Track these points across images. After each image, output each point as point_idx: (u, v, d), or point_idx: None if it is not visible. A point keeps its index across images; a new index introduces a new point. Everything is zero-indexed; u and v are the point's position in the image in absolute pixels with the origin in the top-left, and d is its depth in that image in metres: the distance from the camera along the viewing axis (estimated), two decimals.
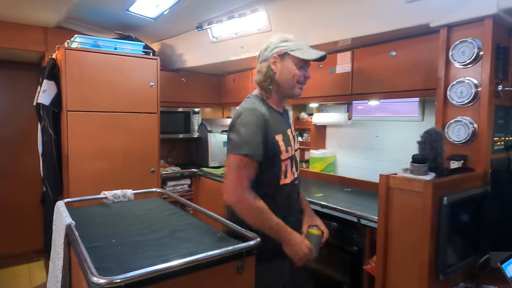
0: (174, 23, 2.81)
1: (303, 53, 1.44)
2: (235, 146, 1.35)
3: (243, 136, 1.34)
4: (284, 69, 1.44)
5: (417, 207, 1.31)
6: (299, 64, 1.45)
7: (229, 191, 1.35)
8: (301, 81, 1.47)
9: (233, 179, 1.34)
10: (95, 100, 2.56)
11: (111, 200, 1.94)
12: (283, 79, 1.45)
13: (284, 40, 1.46)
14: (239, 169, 1.33)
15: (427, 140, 1.40)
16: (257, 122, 1.36)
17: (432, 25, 1.63)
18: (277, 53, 1.44)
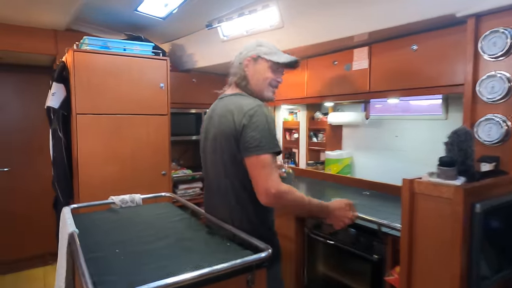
0: (184, 22, 2.75)
1: (276, 56, 1.45)
2: (266, 144, 1.28)
3: (271, 133, 1.30)
4: (257, 72, 1.45)
5: (445, 214, 1.18)
6: (272, 67, 1.45)
7: (269, 191, 1.26)
8: (273, 85, 1.47)
9: (270, 178, 1.27)
10: (104, 102, 2.52)
11: (119, 205, 1.88)
12: (255, 82, 1.45)
13: (259, 45, 1.48)
14: (271, 167, 1.28)
15: (455, 141, 1.27)
16: (271, 114, 1.35)
17: (459, 15, 1.50)
18: (251, 56, 1.47)
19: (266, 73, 1.45)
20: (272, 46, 1.49)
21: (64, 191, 2.50)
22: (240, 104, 1.36)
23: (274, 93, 1.50)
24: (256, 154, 1.28)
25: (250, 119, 1.30)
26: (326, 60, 2.33)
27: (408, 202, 1.29)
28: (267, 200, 1.27)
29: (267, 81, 1.45)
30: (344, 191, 2.38)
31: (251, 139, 1.28)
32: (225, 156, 1.40)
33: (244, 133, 1.30)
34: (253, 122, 1.30)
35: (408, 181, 1.29)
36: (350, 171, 2.78)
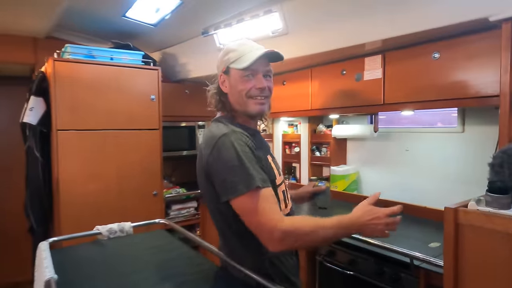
0: (177, 29, 2.54)
1: (242, 60, 1.14)
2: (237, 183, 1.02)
3: (241, 167, 1.03)
4: (232, 87, 1.18)
5: (502, 252, 0.99)
6: (244, 75, 1.15)
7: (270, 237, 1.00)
8: (254, 95, 1.16)
9: (266, 219, 1.00)
10: (89, 117, 2.27)
11: (106, 236, 1.64)
12: (234, 99, 1.19)
13: (226, 53, 1.20)
14: (260, 207, 1.01)
15: (505, 162, 1.09)
16: (244, 141, 1.08)
17: (492, 19, 1.34)
18: (222, 70, 1.20)
19: (239, 85, 1.16)
20: (242, 48, 1.18)
21: (37, 216, 2.23)
22: (208, 136, 1.13)
23: (262, 104, 1.18)
24: (232, 198, 1.03)
25: (214, 158, 1.06)
26: (333, 69, 2.15)
27: (452, 235, 1.10)
28: (274, 248, 1.01)
29: (243, 93, 1.16)
30: None
31: (220, 182, 1.05)
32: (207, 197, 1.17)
33: (212, 176, 1.08)
34: (216, 161, 1.06)
35: (452, 210, 1.10)
36: (357, 187, 2.60)
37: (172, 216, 2.81)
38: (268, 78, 1.20)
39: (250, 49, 1.17)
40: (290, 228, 1.00)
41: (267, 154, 1.20)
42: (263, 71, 1.18)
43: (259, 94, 1.17)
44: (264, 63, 1.18)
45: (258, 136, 1.24)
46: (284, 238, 0.99)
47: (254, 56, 1.13)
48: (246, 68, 1.13)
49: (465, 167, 2.01)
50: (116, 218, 2.23)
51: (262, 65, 1.17)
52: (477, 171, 1.94)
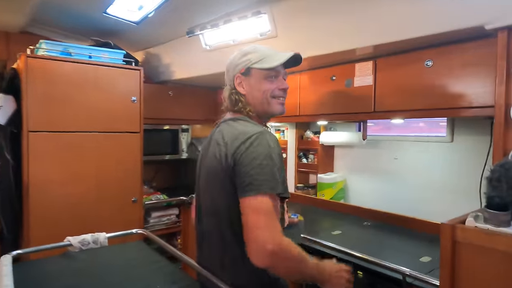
0: (161, 28, 2.43)
1: (268, 61, 1.19)
2: (263, 182, 0.98)
3: (272, 168, 1.01)
4: (252, 87, 1.20)
5: (503, 274, 0.94)
6: (268, 76, 1.19)
7: (264, 246, 0.93)
8: (277, 95, 1.21)
9: (270, 226, 0.96)
10: (64, 118, 2.13)
11: (77, 248, 1.51)
12: (255, 100, 1.20)
13: (245, 54, 1.22)
14: (270, 213, 0.98)
15: (502, 177, 1.04)
16: (278, 146, 1.07)
17: (488, 27, 1.30)
18: (240, 71, 1.20)
19: (263, 85, 1.19)
20: (262, 49, 1.23)
21: (9, 223, 2.07)
22: (235, 132, 1.10)
23: (283, 104, 1.23)
24: (249, 195, 0.98)
25: (246, 150, 1.03)
26: (323, 75, 2.09)
27: (449, 253, 1.04)
28: (259, 259, 0.95)
29: (268, 94, 1.19)
30: (342, 221, 2.12)
31: (244, 175, 1.01)
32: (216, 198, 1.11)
33: (237, 168, 1.03)
34: (248, 154, 1.02)
35: (450, 227, 1.04)
36: (344, 195, 2.54)
37: (151, 223, 2.68)
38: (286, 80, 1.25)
39: (271, 52, 1.21)
40: (286, 247, 0.96)
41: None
42: (283, 74, 1.23)
43: (281, 95, 1.22)
44: (282, 66, 1.21)
45: None
46: (276, 253, 0.93)
47: (283, 57, 1.18)
48: (273, 68, 1.18)
49: (453, 177, 1.98)
50: (92, 225, 2.11)
51: (282, 68, 1.22)
52: (465, 181, 1.91)
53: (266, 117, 1.25)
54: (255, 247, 0.95)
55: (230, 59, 1.26)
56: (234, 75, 1.21)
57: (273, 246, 0.93)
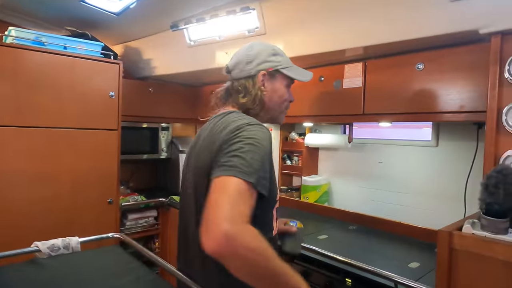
0: (143, 21, 2.31)
1: (294, 71, 1.19)
2: (242, 168, 0.84)
3: (255, 158, 0.87)
4: (274, 91, 1.15)
5: (502, 283, 0.91)
6: (288, 85, 1.20)
7: (217, 226, 0.74)
8: (288, 107, 1.22)
9: (232, 206, 0.78)
10: (35, 112, 1.98)
11: (46, 254, 1.38)
12: (273, 103, 1.16)
13: (274, 54, 1.16)
14: (238, 195, 0.81)
15: (500, 183, 1.02)
16: (269, 144, 0.95)
17: (482, 32, 1.29)
18: (267, 69, 1.13)
19: (285, 93, 1.18)
20: (285, 56, 1.21)
21: None
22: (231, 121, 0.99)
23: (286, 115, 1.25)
24: (218, 175, 0.85)
25: (235, 133, 0.93)
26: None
27: (446, 261, 1.00)
28: (209, 242, 0.74)
29: (285, 103, 1.19)
30: (328, 225, 2.08)
31: (224, 156, 0.89)
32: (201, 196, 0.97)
33: (220, 151, 0.91)
34: (233, 138, 0.91)
35: (447, 234, 1.00)
36: (328, 199, 2.51)
37: (128, 226, 2.54)
38: None
39: (290, 62, 1.20)
40: (247, 233, 0.76)
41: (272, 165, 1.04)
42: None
43: (289, 106, 1.23)
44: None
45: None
46: (232, 237, 0.73)
47: (307, 74, 1.24)
48: (297, 80, 1.19)
49: (438, 182, 1.98)
50: (64, 229, 1.97)
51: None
52: (449, 186, 1.92)
53: (276, 123, 1.25)
54: (207, 226, 0.76)
55: (254, 52, 1.13)
56: (258, 70, 1.11)
57: (229, 227, 0.73)
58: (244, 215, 0.79)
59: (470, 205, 1.76)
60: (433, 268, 1.44)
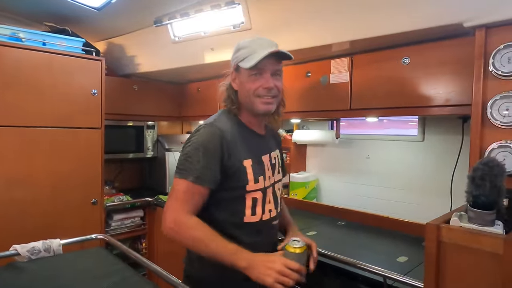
0: (125, 16, 2.25)
1: (250, 59, 1.15)
2: (182, 168, 1.11)
3: (193, 158, 1.10)
4: (242, 84, 1.20)
5: (489, 275, 0.91)
6: (251, 74, 1.17)
7: (166, 218, 1.08)
8: (261, 94, 1.17)
9: (174, 204, 1.09)
10: (13, 111, 1.91)
11: (26, 257, 1.33)
12: (244, 97, 1.21)
13: (237, 49, 1.21)
14: (183, 194, 1.09)
15: (486, 175, 1.02)
16: (214, 141, 1.12)
17: (467, 25, 1.30)
18: (233, 67, 1.22)
19: (247, 84, 1.18)
20: (254, 44, 1.17)
21: None
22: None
23: (268, 103, 1.18)
24: (175, 174, 1.13)
25: (188, 137, 1.18)
26: (297, 71, 2.03)
27: (434, 254, 1.00)
28: (163, 230, 1.09)
29: (251, 93, 1.17)
30: (317, 221, 2.07)
31: (179, 158, 1.16)
32: None
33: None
34: (186, 141, 1.16)
35: (435, 227, 1.00)
36: (316, 195, 2.51)
37: (113, 227, 2.48)
38: (277, 77, 1.20)
39: (259, 47, 1.14)
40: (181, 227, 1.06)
41: (249, 157, 1.17)
42: (271, 70, 1.17)
43: (266, 94, 1.17)
44: (273, 61, 1.16)
45: (253, 138, 1.24)
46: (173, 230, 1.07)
47: (259, 56, 1.12)
48: (252, 67, 1.13)
49: (424, 175, 2.00)
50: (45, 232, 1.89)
51: (271, 63, 1.16)
52: (435, 179, 1.93)
53: (255, 115, 1.23)
54: (163, 221, 1.09)
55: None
56: (231, 71, 1.23)
57: (170, 224, 1.07)
58: (185, 210, 1.07)
59: (456, 198, 1.78)
60: (421, 262, 1.45)
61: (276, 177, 1.29)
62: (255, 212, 1.18)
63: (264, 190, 1.20)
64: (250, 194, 1.17)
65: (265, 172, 1.21)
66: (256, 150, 1.22)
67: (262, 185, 1.19)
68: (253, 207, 1.18)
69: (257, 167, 1.19)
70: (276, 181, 1.28)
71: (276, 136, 1.46)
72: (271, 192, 1.24)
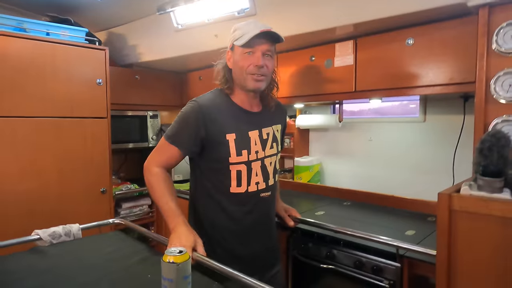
0: (126, 5, 2.26)
1: (244, 37, 1.25)
2: (168, 132, 1.31)
3: (174, 126, 1.29)
4: (236, 63, 1.31)
5: (499, 238, 0.97)
6: (244, 52, 1.27)
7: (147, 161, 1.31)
8: (252, 72, 1.27)
9: (151, 154, 1.32)
10: (19, 101, 1.91)
11: (48, 242, 1.36)
12: (236, 74, 1.32)
13: (234, 30, 1.32)
14: (159, 148, 1.31)
15: (494, 146, 1.07)
16: (191, 114, 1.27)
17: (470, 4, 1.34)
18: (229, 47, 1.34)
19: (240, 62, 1.28)
20: (249, 25, 1.28)
21: None
22: None
23: (259, 80, 1.28)
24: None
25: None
26: (301, 55, 2.06)
27: (446, 222, 1.05)
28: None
29: (243, 70, 1.28)
30: (323, 202, 2.13)
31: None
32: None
33: None
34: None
35: (446, 196, 1.05)
36: (320, 178, 2.56)
37: (122, 215, 2.52)
38: (268, 57, 1.29)
39: (253, 27, 1.24)
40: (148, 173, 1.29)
41: (232, 132, 1.27)
42: (262, 50, 1.26)
43: (256, 72, 1.26)
44: (265, 42, 1.26)
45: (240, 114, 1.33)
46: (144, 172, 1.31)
47: (251, 35, 1.22)
48: (244, 45, 1.24)
49: (426, 155, 2.06)
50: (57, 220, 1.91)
51: (263, 44, 1.26)
52: (437, 158, 2.00)
53: (249, 91, 1.32)
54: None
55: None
56: (227, 51, 1.33)
57: (145, 166, 1.30)
58: (156, 160, 1.30)
59: (458, 176, 1.85)
60: (428, 235, 1.52)
61: (267, 151, 1.35)
62: (240, 184, 1.29)
63: (248, 163, 1.29)
64: (234, 166, 1.28)
65: (250, 147, 1.30)
66: (242, 126, 1.31)
67: (245, 159, 1.29)
68: (238, 179, 1.29)
69: (240, 141, 1.28)
70: (266, 155, 1.34)
71: (281, 113, 1.52)
72: (259, 166, 1.32)
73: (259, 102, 1.40)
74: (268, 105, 1.42)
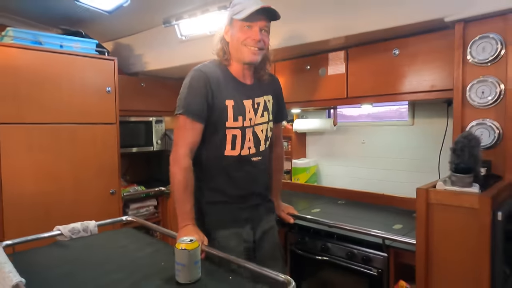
0: (134, 18, 2.41)
1: (244, 12, 1.33)
2: (178, 105, 1.34)
3: (183, 95, 1.34)
4: (232, 36, 1.40)
5: (468, 226, 1.11)
6: (243, 26, 1.36)
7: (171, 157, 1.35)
8: (248, 44, 1.37)
9: (175, 139, 1.35)
10: (35, 109, 2.06)
11: (68, 237, 1.50)
12: (233, 47, 1.41)
13: (233, 5, 1.40)
14: (181, 129, 1.34)
15: (465, 146, 1.22)
16: (199, 79, 1.34)
17: (447, 20, 1.49)
18: (227, 21, 1.42)
19: (237, 34, 1.37)
20: (248, 0, 1.36)
21: None
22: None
23: (255, 53, 1.38)
24: (175, 113, 1.36)
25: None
26: (297, 64, 2.21)
27: (424, 214, 1.20)
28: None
29: (240, 41, 1.36)
30: (319, 201, 2.27)
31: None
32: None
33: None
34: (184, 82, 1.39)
35: (424, 191, 1.20)
36: (316, 179, 2.71)
37: (130, 215, 2.64)
38: (265, 33, 1.39)
39: (253, 3, 1.33)
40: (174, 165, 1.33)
41: (230, 98, 1.38)
42: (261, 26, 1.36)
43: (253, 45, 1.36)
44: (263, 19, 1.36)
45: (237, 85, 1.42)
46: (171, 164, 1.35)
47: (252, 9, 1.30)
48: (244, 19, 1.32)
49: (414, 156, 2.20)
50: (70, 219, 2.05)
51: (261, 20, 1.36)
52: (425, 159, 2.14)
53: (245, 63, 1.41)
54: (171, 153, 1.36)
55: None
56: (225, 25, 1.42)
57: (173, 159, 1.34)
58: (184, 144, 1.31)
59: (443, 174, 1.98)
60: (413, 228, 1.66)
61: (258, 119, 1.45)
62: (235, 147, 1.39)
63: (242, 128, 1.40)
64: (230, 130, 1.38)
65: (245, 114, 1.40)
66: (238, 95, 1.41)
67: (240, 124, 1.39)
68: (233, 142, 1.39)
69: (237, 108, 1.38)
70: (257, 123, 1.45)
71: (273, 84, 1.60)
72: (251, 132, 1.43)
73: (252, 74, 1.49)
74: (261, 77, 1.51)
